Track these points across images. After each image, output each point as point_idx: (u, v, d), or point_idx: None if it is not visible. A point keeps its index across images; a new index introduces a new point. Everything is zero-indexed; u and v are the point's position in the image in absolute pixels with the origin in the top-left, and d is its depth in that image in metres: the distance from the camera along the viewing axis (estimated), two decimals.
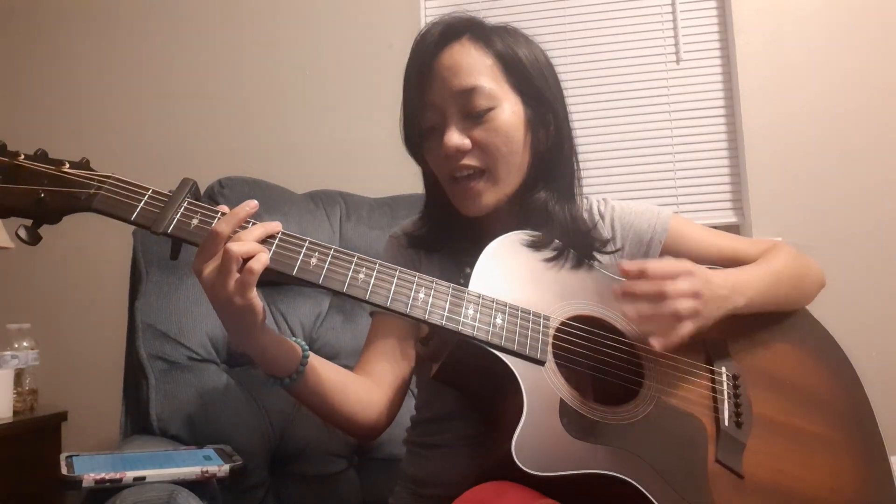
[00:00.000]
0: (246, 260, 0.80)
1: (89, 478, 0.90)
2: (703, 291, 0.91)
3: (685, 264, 0.93)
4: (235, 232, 0.82)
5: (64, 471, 0.91)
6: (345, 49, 2.29)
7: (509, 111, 1.02)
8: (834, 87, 2.09)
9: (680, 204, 2.17)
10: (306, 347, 0.94)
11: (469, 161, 1.01)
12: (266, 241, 0.84)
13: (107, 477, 0.90)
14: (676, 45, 2.21)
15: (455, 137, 1.00)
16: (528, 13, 2.27)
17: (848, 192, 2.05)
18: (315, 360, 0.95)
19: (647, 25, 2.23)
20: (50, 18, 2.42)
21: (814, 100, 2.09)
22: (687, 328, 0.89)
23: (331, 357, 1.51)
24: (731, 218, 2.16)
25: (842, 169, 2.06)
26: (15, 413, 1.88)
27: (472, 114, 1.00)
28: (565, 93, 1.10)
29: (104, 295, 2.11)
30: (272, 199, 1.59)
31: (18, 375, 1.93)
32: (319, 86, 2.29)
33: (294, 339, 0.94)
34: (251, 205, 0.84)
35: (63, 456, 0.98)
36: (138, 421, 1.32)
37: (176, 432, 1.30)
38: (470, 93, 1.00)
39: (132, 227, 1.42)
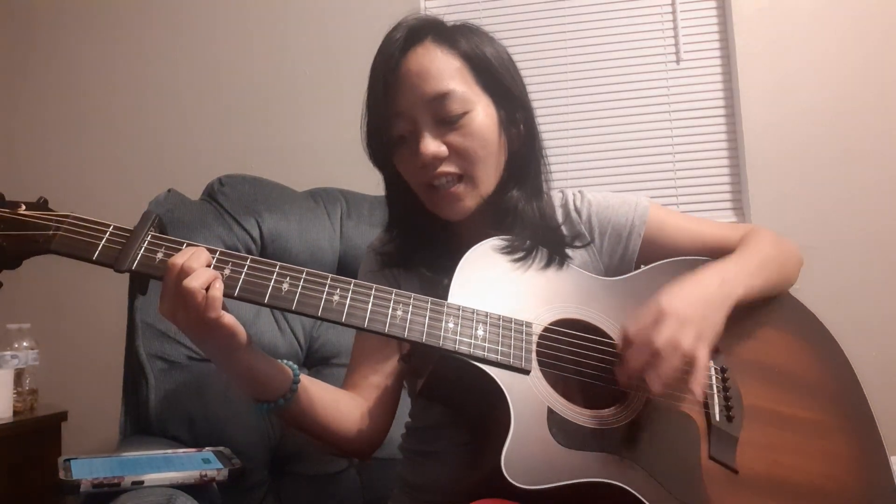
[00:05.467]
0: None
1: (87, 482, 0.89)
2: (688, 317, 0.87)
3: (653, 307, 0.88)
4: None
5: (62, 475, 0.90)
6: (345, 47, 2.28)
7: (483, 114, 1.00)
8: (834, 86, 2.09)
9: (680, 204, 2.17)
10: (296, 367, 0.93)
11: (446, 168, 0.99)
12: (234, 268, 0.84)
13: (105, 481, 0.90)
14: (676, 45, 2.20)
15: (431, 145, 0.97)
16: (527, 13, 2.24)
17: (848, 191, 2.05)
18: (305, 380, 0.94)
19: (647, 25, 2.23)
20: (51, 18, 2.42)
21: (814, 99, 2.09)
22: (702, 355, 0.86)
23: (331, 356, 1.52)
24: (731, 218, 2.15)
25: (842, 169, 2.06)
26: (15, 413, 1.88)
27: (446, 119, 0.98)
28: (566, 93, 1.09)
29: (104, 295, 2.10)
30: (272, 197, 1.59)
31: (18, 375, 1.93)
32: (320, 83, 2.29)
33: (282, 360, 0.93)
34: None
35: (61, 459, 0.97)
36: (138, 421, 1.32)
37: (176, 432, 1.30)
38: (443, 98, 0.97)
39: (133, 226, 1.44)
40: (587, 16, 2.24)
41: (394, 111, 0.99)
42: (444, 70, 0.98)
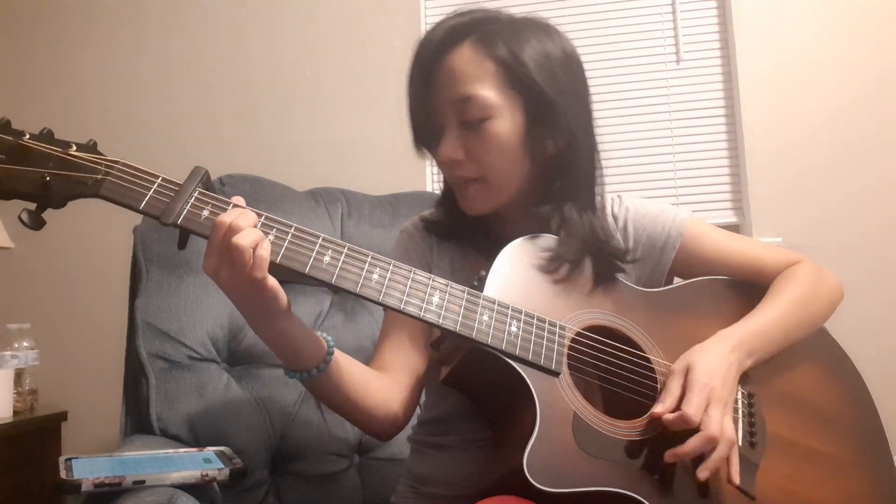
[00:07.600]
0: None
1: (88, 482, 0.89)
2: (726, 400, 0.88)
3: (697, 384, 0.87)
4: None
5: (63, 474, 0.90)
6: (346, 47, 2.28)
7: (505, 122, 0.97)
8: (834, 86, 2.09)
9: (680, 204, 2.16)
10: (330, 340, 0.94)
11: (463, 172, 1.00)
12: (278, 234, 0.83)
13: (106, 481, 0.89)
14: (676, 45, 2.21)
15: (447, 149, 0.99)
16: (527, 13, 2.25)
17: (848, 191, 2.05)
18: (338, 354, 0.95)
19: (647, 25, 2.23)
20: (55, 13, 2.41)
21: (814, 99, 2.09)
22: (729, 428, 0.86)
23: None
24: (731, 218, 2.15)
25: (842, 168, 2.06)
26: (15, 413, 1.88)
27: (467, 123, 0.98)
28: None
29: (104, 294, 2.11)
30: (273, 197, 1.59)
31: (18, 375, 1.93)
32: (320, 83, 2.29)
33: (318, 332, 0.93)
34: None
35: (62, 459, 0.97)
36: (138, 421, 1.32)
37: (176, 432, 1.30)
38: (465, 102, 0.97)
39: (132, 225, 1.43)
40: (587, 16, 2.25)
41: (428, 107, 1.01)
42: (472, 74, 0.97)
